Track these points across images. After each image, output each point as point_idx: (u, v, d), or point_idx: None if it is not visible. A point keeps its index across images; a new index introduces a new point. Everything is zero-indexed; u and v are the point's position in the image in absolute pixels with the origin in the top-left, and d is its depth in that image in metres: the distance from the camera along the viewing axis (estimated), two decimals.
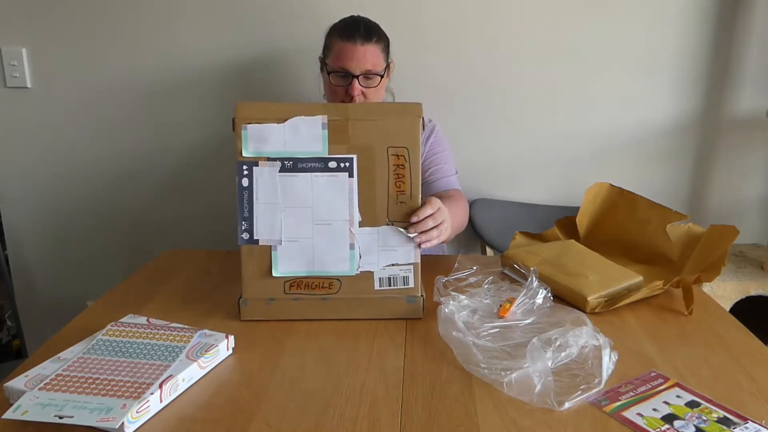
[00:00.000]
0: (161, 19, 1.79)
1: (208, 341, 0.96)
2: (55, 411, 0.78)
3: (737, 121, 1.81)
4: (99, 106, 1.87)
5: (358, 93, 1.39)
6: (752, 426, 0.80)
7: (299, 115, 1.06)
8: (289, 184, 1.07)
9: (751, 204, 1.88)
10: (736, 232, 1.20)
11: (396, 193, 1.08)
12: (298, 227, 1.08)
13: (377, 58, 1.40)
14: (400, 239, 1.09)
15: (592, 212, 1.45)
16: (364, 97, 1.40)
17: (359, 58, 1.37)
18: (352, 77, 1.38)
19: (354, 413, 0.83)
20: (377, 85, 1.41)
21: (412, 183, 1.07)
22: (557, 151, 1.86)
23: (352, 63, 1.37)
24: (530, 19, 1.75)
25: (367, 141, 1.06)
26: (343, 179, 1.07)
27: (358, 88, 1.38)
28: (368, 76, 1.39)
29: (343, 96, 1.40)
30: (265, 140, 1.07)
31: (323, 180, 1.07)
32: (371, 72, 1.39)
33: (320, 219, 1.08)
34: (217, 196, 1.93)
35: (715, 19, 1.73)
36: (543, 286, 1.12)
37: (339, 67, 1.38)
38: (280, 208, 1.07)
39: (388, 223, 1.08)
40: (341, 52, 1.38)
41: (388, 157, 1.07)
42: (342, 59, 1.38)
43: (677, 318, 1.12)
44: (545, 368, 0.88)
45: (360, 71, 1.38)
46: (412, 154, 1.07)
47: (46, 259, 2.01)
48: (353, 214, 1.08)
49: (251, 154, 1.08)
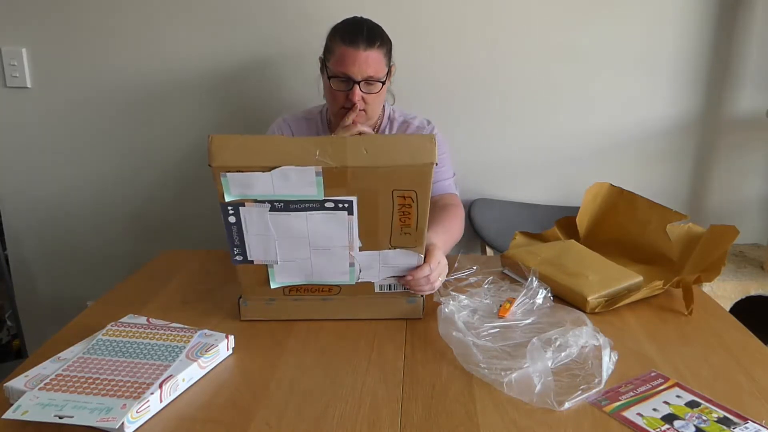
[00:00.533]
0: (161, 20, 1.79)
1: (208, 341, 0.96)
2: (55, 411, 0.78)
3: (737, 121, 1.81)
4: (99, 106, 1.87)
5: (359, 99, 1.36)
6: (752, 426, 0.80)
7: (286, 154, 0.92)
8: (282, 221, 0.99)
9: (751, 204, 1.88)
10: (736, 232, 1.20)
11: (401, 226, 1.00)
12: (294, 251, 1.02)
13: (379, 63, 1.37)
14: (403, 259, 1.04)
15: (592, 212, 1.45)
16: (364, 103, 1.37)
17: (361, 64, 1.33)
18: (354, 83, 1.35)
19: (354, 413, 0.83)
20: (378, 91, 1.38)
21: (419, 218, 0.99)
22: (557, 151, 1.86)
23: (354, 69, 1.33)
24: (530, 19, 1.75)
25: (369, 185, 0.96)
26: (341, 216, 0.99)
27: (358, 94, 1.35)
28: (370, 82, 1.36)
29: (344, 101, 1.37)
30: (250, 186, 0.96)
31: (319, 216, 0.99)
32: (373, 78, 1.36)
33: (318, 246, 1.02)
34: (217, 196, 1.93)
35: (715, 19, 1.73)
36: (543, 286, 1.12)
37: (340, 72, 1.35)
38: (274, 239, 1.01)
39: (390, 248, 1.03)
40: (343, 57, 1.34)
41: (393, 198, 0.97)
42: (344, 64, 1.34)
43: (677, 318, 1.12)
44: (545, 368, 0.88)
45: (362, 77, 1.34)
46: (421, 196, 0.97)
47: (46, 259, 2.01)
48: (353, 241, 1.01)
49: (235, 198, 0.98)
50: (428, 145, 0.94)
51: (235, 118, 1.87)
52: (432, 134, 0.97)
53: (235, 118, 1.87)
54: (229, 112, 1.87)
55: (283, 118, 1.53)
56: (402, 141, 0.99)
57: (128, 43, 1.81)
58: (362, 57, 1.33)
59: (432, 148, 0.94)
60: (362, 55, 1.33)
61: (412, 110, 1.57)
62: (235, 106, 1.86)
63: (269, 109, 1.83)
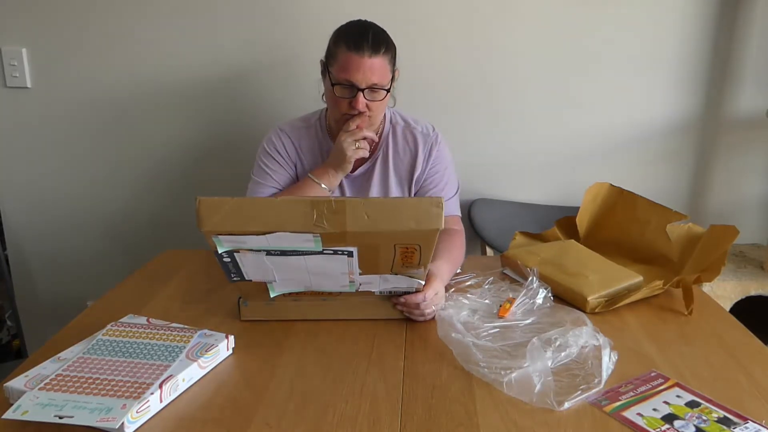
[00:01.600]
0: (161, 20, 1.79)
1: (208, 341, 0.96)
2: (55, 411, 0.78)
3: (737, 121, 1.81)
4: (99, 106, 1.87)
5: (363, 107, 1.31)
6: (752, 426, 0.80)
7: (281, 220, 0.88)
8: (280, 260, 0.98)
9: (751, 204, 1.88)
10: (736, 232, 1.20)
11: (402, 263, 0.99)
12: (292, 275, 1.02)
13: (384, 70, 1.31)
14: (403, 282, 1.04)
15: (592, 212, 1.45)
16: (368, 110, 1.32)
17: (365, 72, 1.27)
18: (358, 90, 1.29)
19: (354, 413, 0.83)
20: (382, 99, 1.33)
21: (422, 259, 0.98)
22: (557, 151, 1.86)
23: (358, 76, 1.27)
24: (530, 20, 1.75)
25: (370, 242, 0.94)
26: (341, 258, 0.97)
27: (362, 102, 1.30)
28: (374, 89, 1.30)
29: (347, 108, 1.32)
30: (244, 243, 0.94)
31: (318, 258, 0.97)
32: (377, 86, 1.30)
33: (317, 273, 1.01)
34: (217, 196, 1.93)
35: (715, 19, 1.73)
36: (543, 286, 1.12)
37: (344, 79, 1.29)
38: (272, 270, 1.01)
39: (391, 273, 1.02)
40: (347, 64, 1.28)
41: (395, 249, 0.95)
42: (348, 71, 1.28)
43: (677, 318, 1.12)
44: (545, 368, 0.88)
45: (366, 85, 1.29)
46: (425, 247, 0.95)
47: (46, 259, 2.01)
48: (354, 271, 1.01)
49: (228, 249, 0.96)
50: (435, 210, 0.90)
51: (235, 118, 1.86)
52: (440, 198, 0.92)
53: (234, 118, 1.87)
54: (228, 112, 1.86)
55: (280, 129, 1.46)
56: (407, 205, 0.92)
57: (128, 43, 1.81)
58: (367, 64, 1.28)
59: (439, 213, 0.90)
60: (367, 62, 1.28)
61: (412, 112, 1.56)
62: (235, 107, 1.86)
63: (268, 110, 1.83)
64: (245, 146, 1.86)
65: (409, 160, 1.43)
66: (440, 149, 1.45)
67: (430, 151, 1.44)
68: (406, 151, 1.44)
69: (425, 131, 1.45)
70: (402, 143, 1.44)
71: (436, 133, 1.46)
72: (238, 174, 1.88)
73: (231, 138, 1.88)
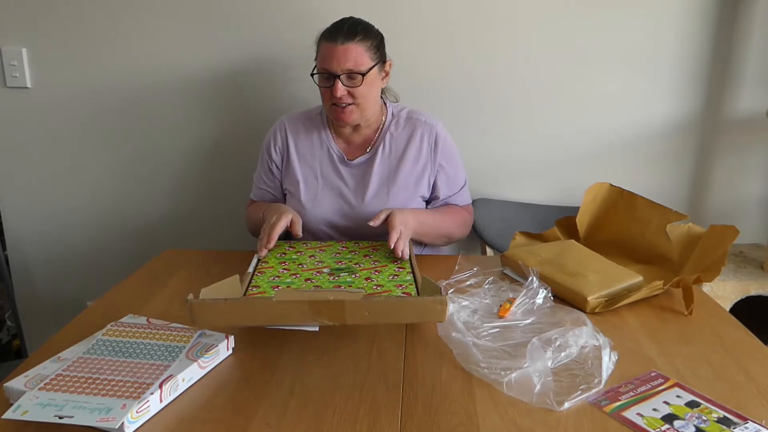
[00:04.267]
0: (161, 20, 1.79)
1: (208, 341, 0.96)
2: (55, 411, 0.78)
3: (737, 121, 1.81)
4: (99, 106, 1.87)
5: (342, 93, 1.36)
6: (752, 426, 0.80)
7: (279, 317, 0.89)
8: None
9: (751, 204, 1.88)
10: (736, 232, 1.20)
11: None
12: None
13: (360, 56, 1.36)
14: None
15: (592, 212, 1.45)
16: (352, 97, 1.37)
17: (339, 58, 1.34)
18: (335, 77, 1.36)
19: (354, 413, 0.83)
20: (361, 84, 1.37)
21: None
22: (557, 151, 1.86)
23: (333, 63, 1.35)
24: (530, 20, 1.75)
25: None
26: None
27: (341, 89, 1.35)
28: (351, 75, 1.36)
29: (330, 97, 1.38)
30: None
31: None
32: (353, 71, 1.35)
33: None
34: (216, 196, 1.93)
35: (715, 19, 1.73)
36: (543, 286, 1.12)
37: (323, 68, 1.37)
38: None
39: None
40: (324, 54, 1.37)
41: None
42: (325, 60, 1.37)
43: (677, 318, 1.12)
44: (545, 368, 0.88)
45: (342, 71, 1.35)
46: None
47: (46, 259, 2.01)
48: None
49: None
50: (439, 308, 0.88)
51: (235, 118, 1.86)
52: (445, 297, 0.90)
53: (235, 119, 1.87)
54: (229, 112, 1.86)
55: (281, 122, 1.54)
56: (410, 304, 0.91)
57: (128, 43, 1.81)
58: (340, 51, 1.35)
59: (443, 310, 0.88)
60: (340, 49, 1.35)
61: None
62: (236, 107, 1.86)
63: (268, 111, 1.83)
64: (246, 146, 1.86)
65: (411, 148, 1.48)
66: (444, 144, 1.50)
67: (435, 142, 1.49)
68: (408, 139, 1.48)
69: (429, 122, 1.51)
70: (404, 132, 1.49)
71: (435, 129, 1.50)
72: (239, 174, 1.89)
73: (231, 138, 1.88)
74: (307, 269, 1.15)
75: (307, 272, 1.14)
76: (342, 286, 1.08)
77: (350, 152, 1.49)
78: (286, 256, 1.23)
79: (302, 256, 1.22)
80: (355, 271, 1.15)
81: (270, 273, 1.13)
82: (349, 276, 1.12)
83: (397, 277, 1.12)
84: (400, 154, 1.47)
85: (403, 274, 1.13)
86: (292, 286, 1.07)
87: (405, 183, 1.46)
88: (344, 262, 1.19)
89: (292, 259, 1.20)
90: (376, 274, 1.13)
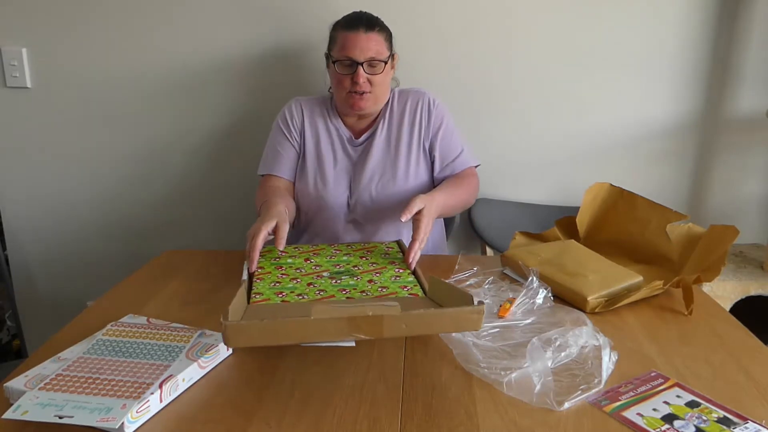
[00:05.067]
0: (161, 20, 1.79)
1: (208, 341, 0.96)
2: (55, 411, 0.78)
3: (737, 121, 1.81)
4: (99, 106, 1.87)
5: (364, 80, 1.41)
6: (752, 426, 0.80)
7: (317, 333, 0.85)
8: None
9: (751, 204, 1.88)
10: (736, 232, 1.20)
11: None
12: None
13: (380, 45, 1.43)
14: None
15: (592, 212, 1.45)
16: (369, 85, 1.43)
17: (362, 46, 1.40)
18: (357, 65, 1.40)
19: (354, 413, 0.83)
20: (382, 71, 1.43)
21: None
22: (557, 151, 1.86)
23: (356, 51, 1.40)
24: (530, 20, 1.75)
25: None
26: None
27: (363, 75, 1.41)
28: (372, 63, 1.42)
29: (349, 85, 1.42)
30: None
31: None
32: (375, 59, 1.41)
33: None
34: (217, 197, 1.93)
35: (715, 19, 1.73)
36: (543, 286, 1.12)
37: (344, 56, 1.41)
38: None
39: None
40: (345, 42, 1.41)
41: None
42: (346, 48, 1.41)
43: (677, 318, 1.12)
44: (545, 368, 0.88)
45: (364, 58, 1.40)
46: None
47: (46, 259, 2.01)
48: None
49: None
50: (476, 317, 0.86)
51: (236, 118, 1.87)
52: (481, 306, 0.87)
53: (235, 119, 1.87)
54: (229, 113, 1.87)
55: (296, 100, 1.57)
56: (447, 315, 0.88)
57: (128, 42, 1.81)
58: (363, 39, 1.40)
59: (479, 319, 0.87)
60: (363, 37, 1.40)
61: None
62: (236, 107, 1.86)
63: (269, 110, 1.83)
64: (246, 147, 1.86)
65: (408, 118, 1.53)
66: (438, 108, 1.54)
67: (428, 108, 1.53)
68: (403, 111, 1.53)
69: (418, 90, 1.56)
70: (398, 106, 1.54)
71: (427, 97, 1.55)
72: (239, 174, 1.89)
73: (231, 139, 1.88)
74: (306, 273, 1.14)
75: (307, 276, 1.13)
76: (347, 289, 1.07)
77: (356, 135, 1.54)
78: (281, 260, 1.21)
79: (297, 260, 1.21)
80: (356, 274, 1.14)
81: (269, 279, 1.12)
82: (351, 279, 1.11)
83: (399, 278, 1.11)
84: (398, 125, 1.52)
85: (404, 275, 1.13)
86: (295, 291, 1.06)
87: (407, 149, 1.50)
88: (342, 266, 1.19)
89: (288, 264, 1.19)
90: (377, 276, 1.13)
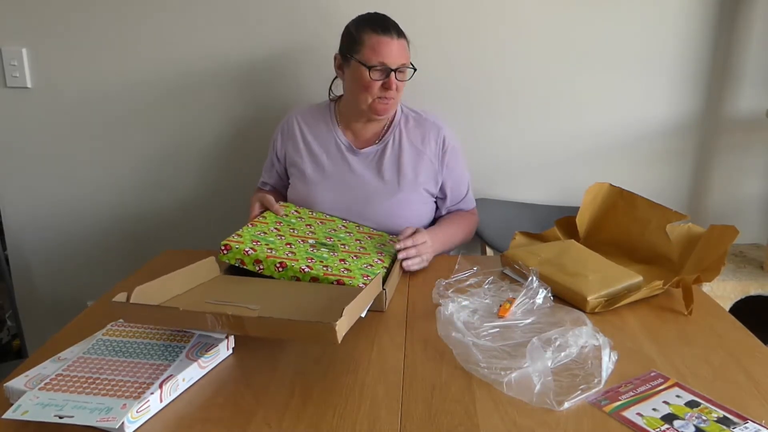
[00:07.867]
0: (161, 20, 1.79)
1: (208, 341, 0.96)
2: (55, 411, 0.78)
3: (737, 121, 1.81)
4: (99, 106, 1.87)
5: (395, 87, 1.41)
6: (752, 426, 0.80)
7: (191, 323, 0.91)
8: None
9: (751, 204, 1.88)
10: (736, 232, 1.20)
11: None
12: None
13: (408, 51, 1.43)
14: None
15: (592, 212, 1.45)
16: (395, 91, 1.42)
17: (396, 53, 1.39)
18: (391, 71, 1.39)
19: (354, 413, 0.83)
20: (409, 78, 1.44)
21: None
22: (557, 151, 1.86)
23: (391, 57, 1.38)
24: (530, 20, 1.75)
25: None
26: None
27: (395, 82, 1.40)
28: (402, 69, 1.41)
29: (379, 91, 1.40)
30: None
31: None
32: (405, 66, 1.41)
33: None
34: (216, 196, 1.93)
35: (715, 19, 1.73)
36: (543, 286, 1.12)
37: (378, 62, 1.38)
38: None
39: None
40: (379, 47, 1.37)
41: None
42: (380, 54, 1.37)
43: (677, 318, 1.12)
44: (545, 368, 0.88)
45: (397, 65, 1.39)
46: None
47: (46, 259, 2.01)
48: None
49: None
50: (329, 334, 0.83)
51: (236, 118, 1.87)
52: (334, 324, 0.83)
53: (235, 119, 1.87)
54: (230, 112, 1.86)
55: (292, 116, 1.57)
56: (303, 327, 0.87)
57: (129, 43, 1.81)
58: (396, 45, 1.39)
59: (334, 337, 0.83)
60: (395, 43, 1.39)
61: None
62: (236, 107, 1.86)
63: (269, 112, 1.83)
64: (246, 147, 1.86)
65: (420, 144, 1.52)
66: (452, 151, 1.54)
67: (444, 145, 1.53)
68: (417, 137, 1.52)
69: (436, 123, 1.55)
70: (414, 130, 1.53)
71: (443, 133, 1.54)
72: (239, 174, 1.89)
73: (231, 139, 1.88)
74: (295, 235, 1.18)
75: (292, 237, 1.17)
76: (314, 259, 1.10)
77: (358, 144, 1.53)
78: (287, 218, 1.25)
79: (300, 222, 1.24)
80: (336, 250, 1.16)
81: (259, 228, 1.16)
82: (327, 253, 1.14)
83: (371, 267, 1.12)
84: (408, 147, 1.51)
85: (377, 267, 1.14)
86: (270, 245, 1.09)
87: (413, 176, 1.49)
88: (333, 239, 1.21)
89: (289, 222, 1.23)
90: (353, 259, 1.14)
